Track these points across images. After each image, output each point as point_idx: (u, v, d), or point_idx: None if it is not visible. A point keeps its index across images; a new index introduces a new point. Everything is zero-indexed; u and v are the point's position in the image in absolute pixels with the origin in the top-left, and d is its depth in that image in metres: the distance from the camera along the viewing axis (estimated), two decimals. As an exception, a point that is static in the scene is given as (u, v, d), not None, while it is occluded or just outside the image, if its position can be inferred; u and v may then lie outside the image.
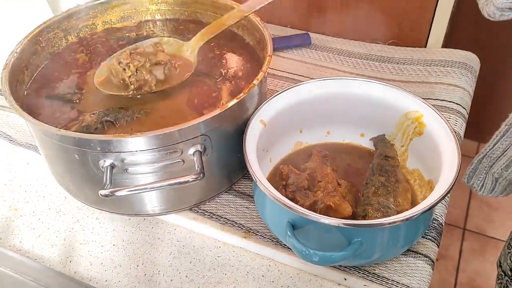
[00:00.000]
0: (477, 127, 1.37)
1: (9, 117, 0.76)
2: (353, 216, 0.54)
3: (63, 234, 0.60)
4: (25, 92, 0.62)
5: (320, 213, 0.52)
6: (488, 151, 0.63)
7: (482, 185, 0.67)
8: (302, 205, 0.51)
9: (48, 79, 0.64)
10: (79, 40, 0.71)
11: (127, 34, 0.72)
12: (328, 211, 0.53)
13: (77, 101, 0.61)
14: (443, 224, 0.59)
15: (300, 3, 0.94)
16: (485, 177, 0.66)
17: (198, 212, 0.60)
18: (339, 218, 0.49)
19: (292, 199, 0.52)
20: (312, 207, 0.52)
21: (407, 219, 0.46)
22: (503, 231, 1.50)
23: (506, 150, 0.61)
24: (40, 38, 0.65)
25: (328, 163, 0.59)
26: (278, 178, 0.58)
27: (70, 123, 0.57)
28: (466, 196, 1.59)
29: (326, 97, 0.62)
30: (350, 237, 0.48)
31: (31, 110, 0.58)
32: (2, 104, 0.78)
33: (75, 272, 0.56)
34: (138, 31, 0.73)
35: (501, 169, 0.63)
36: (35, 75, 0.65)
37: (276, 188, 0.50)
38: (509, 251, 0.75)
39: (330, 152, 0.61)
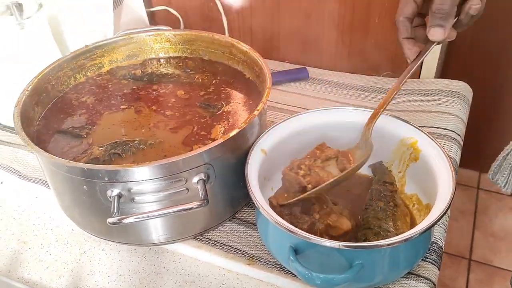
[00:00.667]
0: (477, 156, 1.38)
1: (18, 153, 0.78)
2: (355, 238, 0.55)
3: (71, 265, 0.61)
4: (36, 128, 0.65)
5: (320, 233, 0.54)
6: None
7: (506, 182, 0.67)
8: (301, 229, 0.53)
9: (57, 115, 0.67)
10: (86, 79, 0.74)
11: (132, 72, 0.75)
12: (327, 229, 0.54)
13: (85, 135, 0.63)
14: (443, 247, 0.60)
15: (298, 39, 0.98)
16: (510, 173, 0.66)
17: (202, 240, 0.62)
18: (339, 234, 0.51)
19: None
20: (311, 229, 0.54)
21: (405, 240, 0.47)
22: (510, 261, 1.49)
23: None
24: (50, 77, 0.69)
25: None
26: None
27: (79, 156, 0.60)
28: (470, 226, 1.59)
29: (324, 126, 0.64)
30: (351, 260, 0.49)
31: (41, 144, 0.61)
32: (12, 141, 0.80)
33: (82, 302, 0.57)
34: (143, 68, 0.76)
35: None
36: (45, 111, 0.67)
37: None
38: None
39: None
